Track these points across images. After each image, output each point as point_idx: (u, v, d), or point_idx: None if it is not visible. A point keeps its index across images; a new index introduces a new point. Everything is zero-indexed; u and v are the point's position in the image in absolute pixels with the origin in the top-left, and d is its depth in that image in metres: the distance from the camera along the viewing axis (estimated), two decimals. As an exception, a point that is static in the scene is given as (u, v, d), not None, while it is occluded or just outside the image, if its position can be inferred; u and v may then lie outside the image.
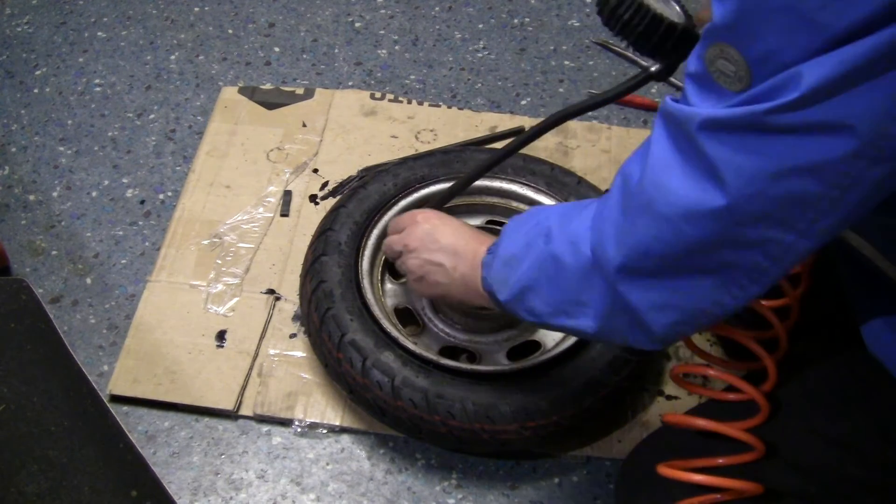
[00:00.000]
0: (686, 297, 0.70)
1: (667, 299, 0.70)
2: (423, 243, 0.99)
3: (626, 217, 0.70)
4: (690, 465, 0.85)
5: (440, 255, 0.97)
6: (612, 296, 0.73)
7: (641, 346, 0.77)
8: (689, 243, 0.66)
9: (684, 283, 0.69)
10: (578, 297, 0.77)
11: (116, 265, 1.40)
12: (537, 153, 1.42)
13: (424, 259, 0.99)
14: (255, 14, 1.81)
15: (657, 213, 0.67)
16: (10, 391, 1.02)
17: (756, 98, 0.58)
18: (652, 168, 0.67)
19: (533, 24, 1.80)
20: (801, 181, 0.59)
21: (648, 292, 0.71)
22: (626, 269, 0.71)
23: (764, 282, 0.67)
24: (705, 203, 0.63)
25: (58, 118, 1.61)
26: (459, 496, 1.15)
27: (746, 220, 0.62)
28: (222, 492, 1.15)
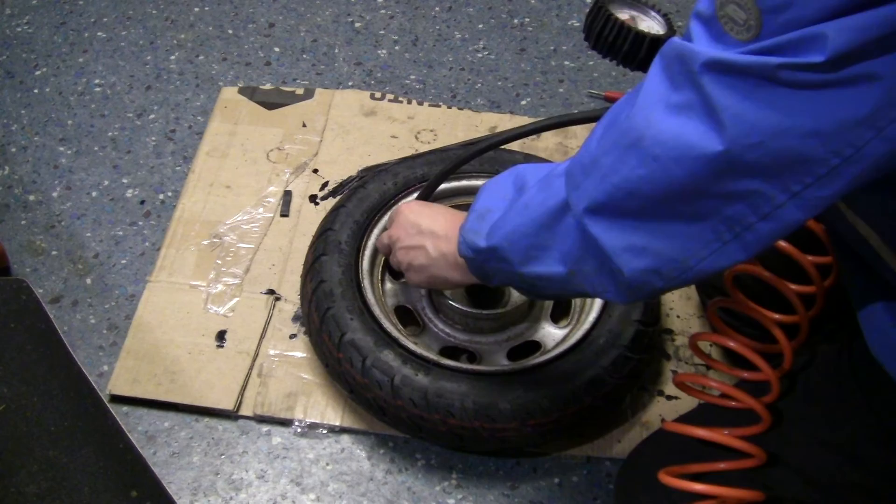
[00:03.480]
0: (663, 243, 0.67)
1: (643, 242, 0.68)
2: (405, 231, 1.02)
3: (610, 154, 0.67)
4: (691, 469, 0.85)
5: (420, 237, 1.00)
6: (582, 237, 0.71)
7: (609, 297, 0.75)
8: (677, 185, 0.63)
9: (664, 227, 0.66)
10: (548, 240, 0.75)
11: (116, 265, 1.40)
12: (537, 153, 1.42)
13: (408, 245, 1.01)
14: (255, 14, 1.81)
15: (646, 151, 0.64)
16: (10, 391, 1.02)
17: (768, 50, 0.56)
18: (644, 105, 0.64)
19: (533, 24, 1.80)
20: (804, 141, 0.57)
21: (623, 233, 0.68)
22: (603, 207, 0.68)
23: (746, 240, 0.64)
24: (700, 146, 0.60)
25: (58, 118, 1.61)
26: (459, 496, 1.15)
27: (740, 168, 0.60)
28: (222, 492, 1.15)
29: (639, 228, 0.67)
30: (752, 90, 0.57)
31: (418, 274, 1.02)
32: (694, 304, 1.33)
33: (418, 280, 1.04)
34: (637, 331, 1.15)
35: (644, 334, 1.16)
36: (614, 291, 0.73)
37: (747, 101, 0.57)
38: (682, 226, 0.65)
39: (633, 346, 1.14)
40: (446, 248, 0.96)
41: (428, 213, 1.02)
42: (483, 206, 0.86)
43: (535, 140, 1.54)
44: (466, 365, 1.13)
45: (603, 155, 0.68)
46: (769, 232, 0.63)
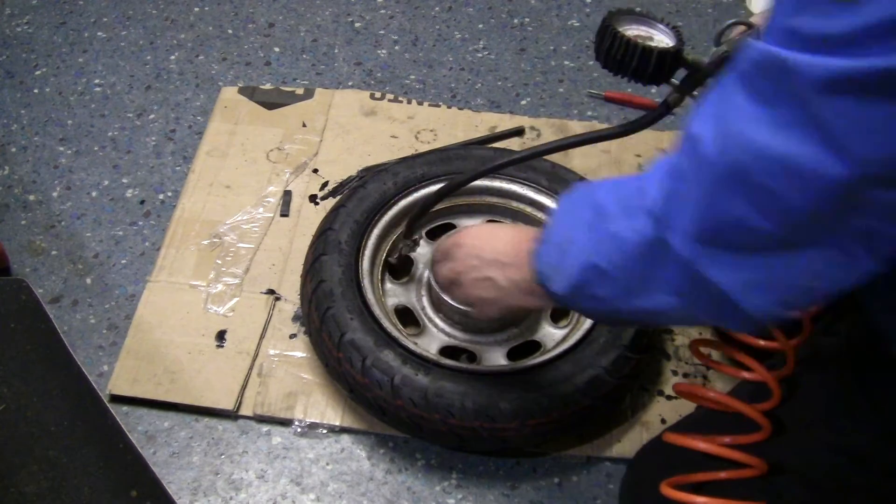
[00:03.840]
0: (784, 272, 0.60)
1: (761, 276, 0.61)
2: (467, 264, 0.94)
3: (706, 188, 0.60)
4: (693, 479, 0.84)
5: (486, 268, 0.92)
6: (689, 274, 0.64)
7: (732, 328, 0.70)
8: (796, 216, 0.56)
9: (784, 257, 0.59)
10: (650, 274, 0.68)
11: (116, 265, 1.40)
12: (537, 153, 1.42)
13: (474, 278, 0.94)
14: (255, 14, 1.81)
15: (754, 185, 0.56)
16: (10, 391, 1.02)
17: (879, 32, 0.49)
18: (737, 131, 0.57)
19: (533, 24, 1.80)
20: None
21: (738, 270, 0.61)
22: (710, 243, 0.62)
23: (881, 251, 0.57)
24: (821, 172, 0.53)
25: (58, 118, 1.61)
26: (459, 496, 1.15)
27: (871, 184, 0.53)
28: (222, 492, 1.15)
29: (755, 263, 0.61)
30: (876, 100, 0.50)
31: (491, 307, 0.96)
32: (694, 304, 1.33)
33: (491, 312, 0.99)
34: (637, 331, 1.15)
35: (644, 334, 1.16)
36: (736, 324, 0.68)
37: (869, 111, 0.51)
38: (804, 252, 0.59)
39: (633, 346, 1.14)
40: (517, 276, 0.87)
41: (487, 239, 0.93)
42: (561, 237, 0.78)
43: (535, 140, 1.54)
44: (466, 365, 1.13)
45: (698, 188, 0.61)
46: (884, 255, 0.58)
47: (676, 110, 0.86)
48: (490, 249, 0.92)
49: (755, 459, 0.82)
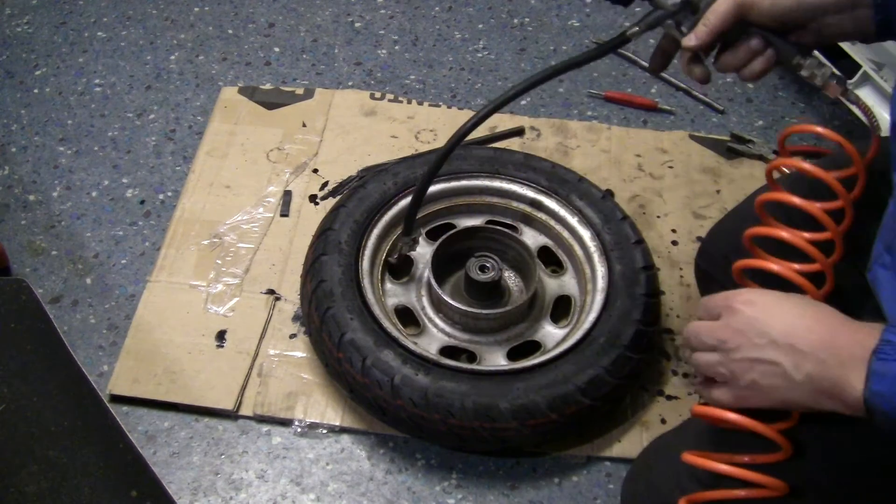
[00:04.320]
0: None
1: None
2: (748, 338, 0.76)
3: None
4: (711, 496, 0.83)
5: (773, 351, 0.74)
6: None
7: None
8: None
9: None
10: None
11: (116, 265, 1.40)
12: (537, 153, 1.42)
13: (750, 359, 0.76)
14: (255, 14, 1.81)
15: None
16: (10, 391, 1.02)
17: None
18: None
19: (533, 24, 1.80)
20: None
21: None
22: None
23: None
24: None
25: (58, 118, 1.61)
26: (459, 496, 1.15)
27: None
28: (222, 492, 1.15)
29: None
30: None
31: (763, 396, 0.77)
32: (694, 304, 1.33)
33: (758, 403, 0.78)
34: (637, 331, 1.15)
35: (644, 334, 1.16)
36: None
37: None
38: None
39: (633, 346, 1.14)
40: (817, 372, 0.72)
41: (781, 312, 0.76)
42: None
43: (535, 140, 1.54)
44: (466, 365, 1.13)
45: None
46: None
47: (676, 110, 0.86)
48: (782, 326, 0.75)
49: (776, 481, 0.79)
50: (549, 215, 1.31)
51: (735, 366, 0.77)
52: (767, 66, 0.88)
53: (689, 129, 1.58)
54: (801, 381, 0.73)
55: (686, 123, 1.61)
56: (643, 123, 1.60)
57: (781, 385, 0.74)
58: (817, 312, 0.74)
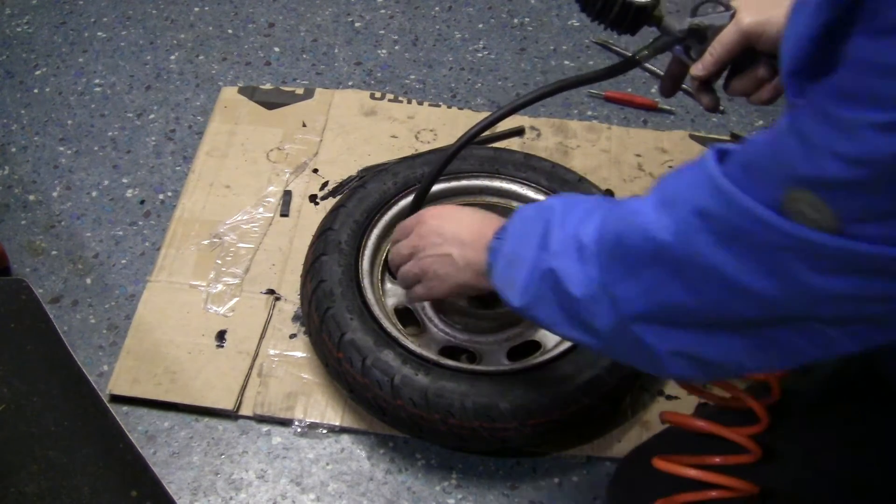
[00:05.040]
0: (708, 351, 0.66)
1: (688, 349, 0.67)
2: (428, 241, 0.97)
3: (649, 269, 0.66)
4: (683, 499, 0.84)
5: (446, 246, 0.94)
6: (620, 328, 0.70)
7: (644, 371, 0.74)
8: (725, 314, 0.63)
9: (709, 338, 0.66)
10: (583, 315, 0.73)
11: (116, 265, 1.40)
12: (537, 153, 1.42)
13: (433, 255, 0.96)
14: (255, 14, 1.81)
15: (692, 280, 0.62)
16: (10, 391, 1.02)
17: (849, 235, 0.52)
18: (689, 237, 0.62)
19: (533, 24, 1.80)
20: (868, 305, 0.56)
21: (668, 339, 0.68)
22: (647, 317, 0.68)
23: (794, 360, 0.64)
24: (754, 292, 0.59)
25: (58, 118, 1.61)
26: (459, 496, 1.15)
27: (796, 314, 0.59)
28: (222, 492, 1.15)
29: (684, 338, 0.67)
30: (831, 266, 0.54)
31: (442, 283, 0.97)
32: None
33: (441, 290, 0.98)
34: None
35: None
36: (653, 371, 0.73)
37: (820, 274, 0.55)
38: (729, 341, 0.65)
39: (633, 345, 1.14)
40: (473, 257, 0.91)
41: (451, 218, 0.96)
42: (512, 252, 0.82)
43: (535, 140, 1.54)
44: (466, 365, 1.13)
45: (644, 266, 0.66)
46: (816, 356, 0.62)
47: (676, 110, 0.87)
48: (453, 227, 0.95)
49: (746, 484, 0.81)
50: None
51: (422, 263, 0.97)
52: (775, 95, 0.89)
53: (689, 129, 1.58)
54: (464, 266, 0.93)
55: (686, 123, 1.61)
56: (643, 123, 1.60)
57: (452, 271, 0.94)
58: (482, 216, 0.95)
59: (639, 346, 0.69)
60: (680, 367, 0.69)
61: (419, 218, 1.00)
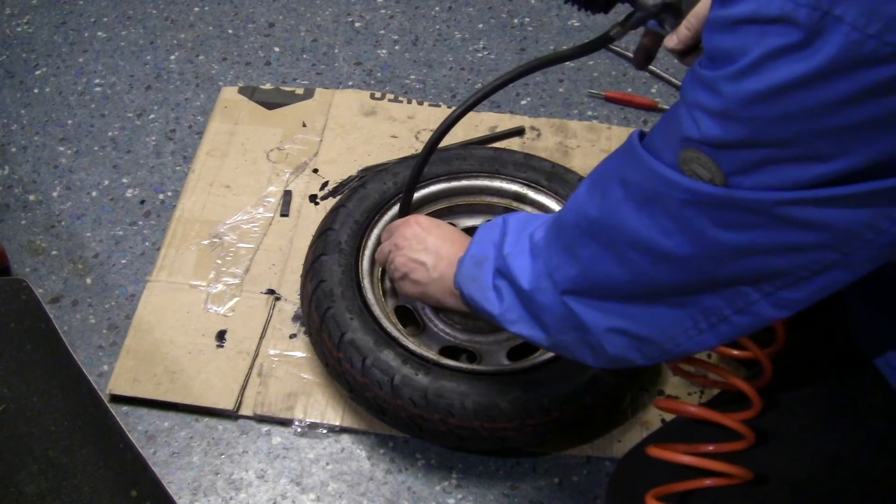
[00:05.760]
0: (643, 328, 0.71)
1: (624, 325, 0.72)
2: (409, 243, 1.03)
3: (584, 247, 0.72)
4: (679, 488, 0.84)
5: (423, 254, 1.01)
6: (565, 311, 0.76)
7: (588, 363, 0.79)
8: (651, 282, 0.68)
9: (644, 313, 0.71)
10: (534, 311, 0.79)
11: (116, 265, 1.40)
12: (537, 152, 1.42)
13: (409, 257, 1.03)
14: (255, 14, 1.81)
15: (619, 252, 0.68)
16: (10, 391, 1.02)
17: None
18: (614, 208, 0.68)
19: (533, 24, 1.80)
20: (770, 258, 0.61)
21: (605, 315, 0.73)
22: (584, 292, 0.73)
23: (723, 331, 0.68)
24: (671, 254, 0.64)
25: (58, 118, 1.61)
26: (459, 496, 1.15)
27: (711, 274, 0.64)
28: (222, 492, 1.15)
29: (620, 313, 0.72)
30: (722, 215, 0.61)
31: (413, 287, 1.04)
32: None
33: (411, 292, 1.06)
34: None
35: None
36: (594, 360, 0.78)
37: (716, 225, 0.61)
38: (660, 313, 0.70)
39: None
40: (446, 272, 0.98)
41: (437, 232, 1.03)
42: (478, 253, 0.88)
43: (535, 140, 1.54)
44: (466, 365, 1.13)
45: (579, 245, 0.73)
46: (743, 325, 0.67)
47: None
48: (436, 240, 1.01)
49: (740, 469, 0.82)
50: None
51: (399, 261, 1.03)
52: None
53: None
54: (436, 278, 0.99)
55: (686, 123, 1.60)
56: (643, 123, 1.60)
57: (423, 279, 1.01)
58: (461, 237, 1.01)
59: (579, 329, 0.75)
60: (618, 346, 0.74)
61: (405, 221, 1.07)
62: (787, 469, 0.84)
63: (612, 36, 0.93)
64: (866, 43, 0.50)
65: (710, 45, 0.58)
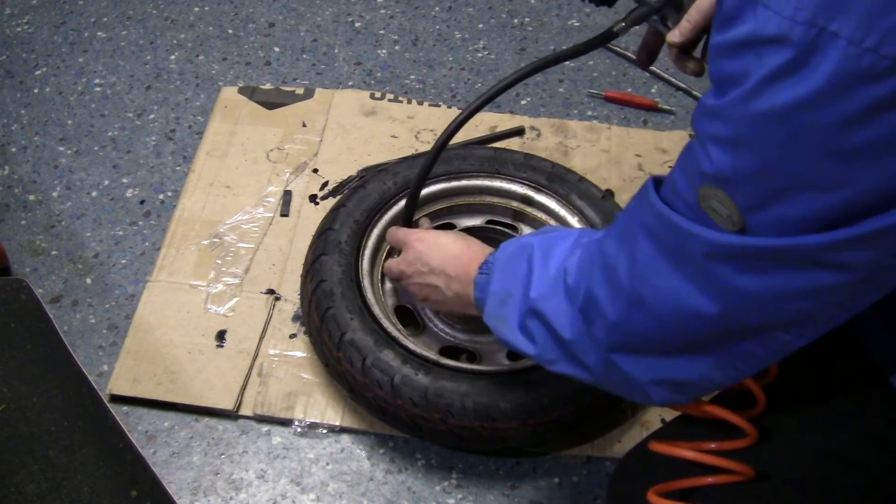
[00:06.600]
0: (682, 373, 0.72)
1: (666, 375, 0.72)
2: (415, 268, 1.03)
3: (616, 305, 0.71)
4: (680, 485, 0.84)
5: (432, 277, 1.00)
6: (607, 362, 0.75)
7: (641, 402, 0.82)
8: (685, 337, 0.68)
9: (680, 362, 0.71)
10: (576, 356, 0.79)
11: (116, 265, 1.40)
12: (537, 153, 1.42)
13: (419, 283, 1.03)
14: (255, 14, 1.81)
15: (650, 309, 0.68)
16: (10, 391, 1.02)
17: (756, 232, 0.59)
18: (642, 266, 0.68)
19: (533, 24, 1.80)
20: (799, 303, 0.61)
21: (647, 368, 0.73)
22: (623, 347, 0.73)
23: (759, 365, 0.69)
24: (700, 309, 0.64)
25: (58, 118, 1.61)
26: (459, 496, 1.15)
27: (743, 325, 0.64)
28: (222, 492, 1.15)
29: (658, 365, 0.72)
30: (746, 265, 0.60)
31: (437, 306, 1.08)
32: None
33: (440, 310, 1.11)
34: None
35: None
36: (642, 401, 0.78)
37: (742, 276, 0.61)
38: (696, 360, 0.70)
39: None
40: (460, 289, 0.97)
41: (437, 249, 1.01)
42: (501, 289, 0.86)
43: (535, 140, 1.54)
44: (466, 365, 1.13)
45: (612, 303, 0.72)
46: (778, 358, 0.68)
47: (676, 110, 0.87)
48: (438, 259, 1.00)
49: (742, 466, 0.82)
50: (549, 215, 1.31)
51: (413, 288, 1.04)
52: None
53: (689, 130, 1.58)
54: (452, 297, 0.98)
55: (686, 123, 1.61)
56: (643, 123, 1.60)
57: (442, 299, 1.01)
58: (465, 246, 0.99)
59: (624, 377, 0.74)
60: (662, 394, 0.74)
61: (406, 241, 1.06)
62: (789, 467, 0.84)
63: (616, 32, 0.94)
64: (863, 57, 0.49)
65: (715, 72, 0.57)
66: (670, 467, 0.85)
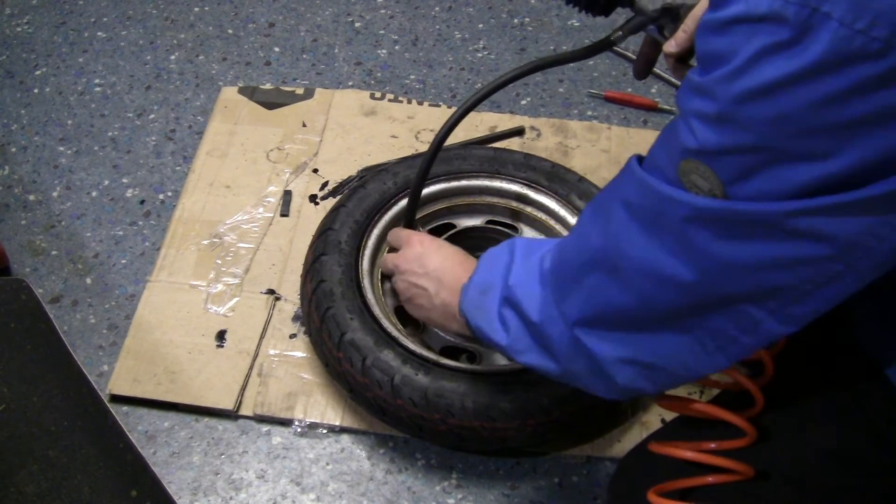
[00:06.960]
0: (652, 355, 0.71)
1: (633, 354, 0.72)
2: (411, 266, 1.04)
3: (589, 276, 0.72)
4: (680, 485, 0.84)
5: (425, 279, 1.02)
6: (573, 342, 0.75)
7: (599, 394, 0.79)
8: (658, 307, 0.68)
9: (652, 340, 0.71)
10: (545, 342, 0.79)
11: (116, 265, 1.40)
12: (537, 153, 1.42)
13: (411, 282, 1.04)
14: (255, 14, 1.81)
15: (625, 278, 0.68)
16: (10, 391, 1.02)
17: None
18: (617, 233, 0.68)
19: (533, 24, 1.80)
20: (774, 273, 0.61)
21: (614, 345, 0.73)
22: (592, 322, 0.73)
23: (732, 351, 0.68)
24: (676, 276, 0.64)
25: (58, 118, 1.61)
26: (459, 496, 1.15)
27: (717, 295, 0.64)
28: (222, 492, 1.15)
29: (629, 342, 0.72)
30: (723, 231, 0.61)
31: (417, 311, 1.08)
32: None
33: (417, 315, 1.08)
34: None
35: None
36: (605, 391, 0.78)
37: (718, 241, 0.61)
38: (668, 338, 0.70)
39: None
40: (449, 300, 0.98)
41: (438, 255, 1.03)
42: (483, 281, 0.88)
43: (535, 140, 1.54)
44: (466, 365, 1.13)
45: (585, 274, 0.73)
46: (752, 344, 0.67)
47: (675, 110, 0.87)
48: (438, 265, 1.01)
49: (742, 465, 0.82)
50: (549, 215, 1.31)
51: (402, 285, 1.05)
52: None
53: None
54: (438, 304, 1.00)
55: (686, 123, 1.60)
56: (643, 123, 1.60)
57: (426, 305, 1.02)
58: (464, 259, 1.02)
59: (589, 360, 0.75)
60: (628, 376, 0.74)
61: (408, 239, 1.08)
62: (788, 466, 0.84)
63: (613, 40, 0.94)
64: (854, 39, 0.50)
65: (702, 49, 0.58)
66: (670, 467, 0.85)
